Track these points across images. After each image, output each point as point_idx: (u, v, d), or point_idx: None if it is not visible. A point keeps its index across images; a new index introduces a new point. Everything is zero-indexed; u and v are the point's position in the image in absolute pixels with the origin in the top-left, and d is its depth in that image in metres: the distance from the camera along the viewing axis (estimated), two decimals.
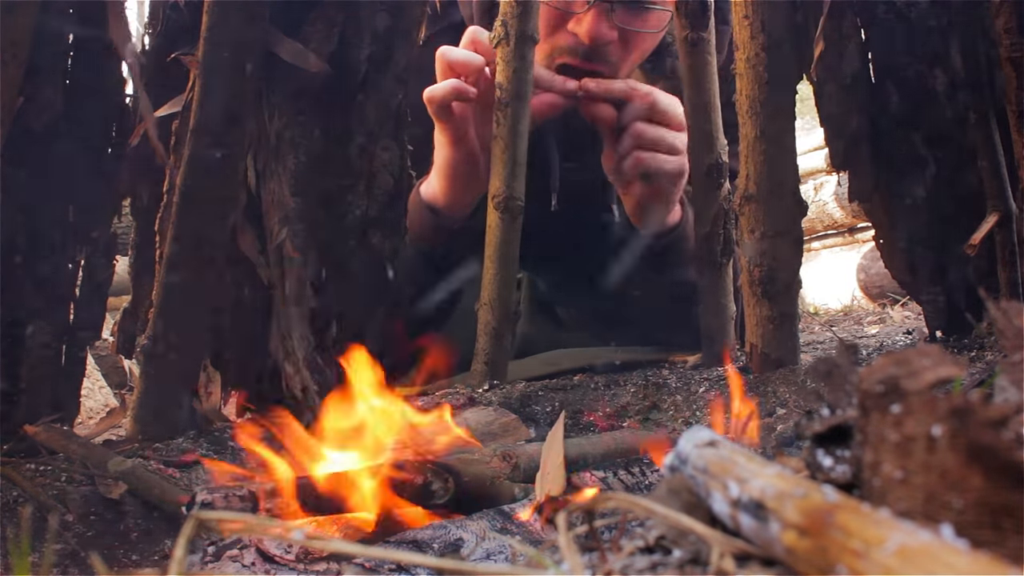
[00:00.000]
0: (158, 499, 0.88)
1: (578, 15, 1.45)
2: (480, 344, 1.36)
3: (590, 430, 1.16)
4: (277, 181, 1.17)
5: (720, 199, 1.38)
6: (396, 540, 0.77)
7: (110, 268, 1.16)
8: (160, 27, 1.18)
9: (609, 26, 1.43)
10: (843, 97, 1.19)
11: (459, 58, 1.39)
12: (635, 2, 1.45)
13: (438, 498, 0.77)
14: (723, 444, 0.41)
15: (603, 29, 1.43)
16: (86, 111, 1.11)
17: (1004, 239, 1.15)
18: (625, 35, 1.47)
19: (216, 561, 0.74)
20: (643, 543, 0.40)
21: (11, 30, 0.96)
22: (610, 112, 1.45)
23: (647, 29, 1.49)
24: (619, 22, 1.44)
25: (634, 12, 1.47)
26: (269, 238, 1.19)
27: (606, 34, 1.43)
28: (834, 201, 4.63)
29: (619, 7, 1.44)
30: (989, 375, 0.93)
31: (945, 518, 0.31)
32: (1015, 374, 0.38)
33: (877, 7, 1.17)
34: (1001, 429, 0.30)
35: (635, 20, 1.47)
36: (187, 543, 0.36)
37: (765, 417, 1.08)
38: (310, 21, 1.16)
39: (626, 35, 1.47)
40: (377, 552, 0.55)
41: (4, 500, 0.84)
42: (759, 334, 1.25)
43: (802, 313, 2.23)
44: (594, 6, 1.42)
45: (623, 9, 1.45)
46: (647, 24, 1.49)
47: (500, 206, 1.34)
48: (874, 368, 0.35)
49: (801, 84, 1.24)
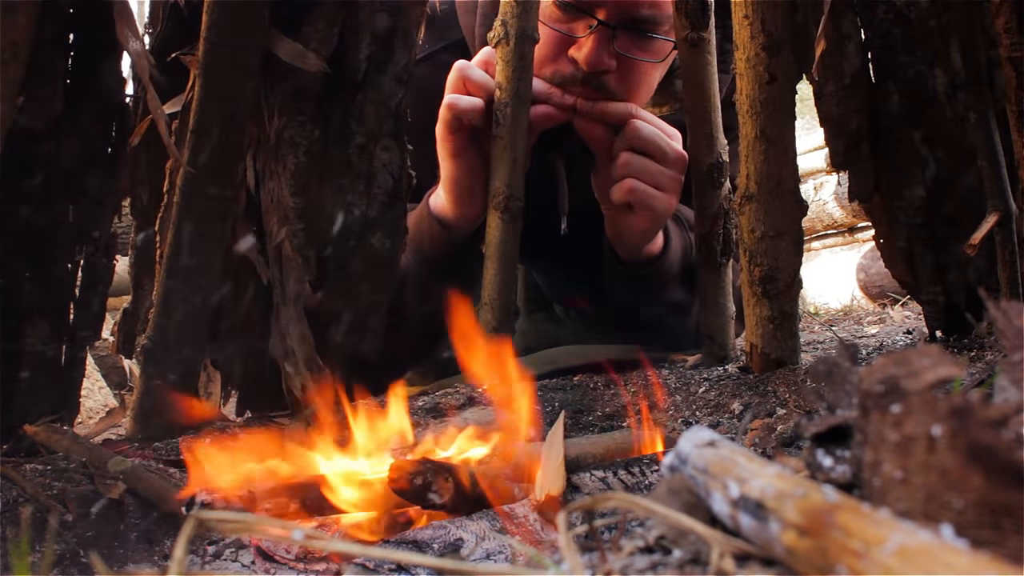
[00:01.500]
0: (158, 499, 0.88)
1: (579, 40, 1.43)
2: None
3: (590, 430, 1.16)
4: (277, 181, 1.17)
5: (720, 199, 1.38)
6: (396, 540, 0.77)
7: (110, 268, 1.16)
8: (160, 27, 1.18)
9: (609, 54, 1.41)
10: (843, 97, 1.19)
11: (478, 78, 1.38)
12: (637, 29, 1.44)
13: (438, 498, 0.77)
14: (723, 444, 0.41)
15: (603, 56, 1.41)
16: (86, 111, 1.11)
17: (1004, 239, 1.15)
18: (625, 64, 1.44)
19: (216, 561, 0.74)
20: (643, 543, 0.40)
21: (11, 30, 0.96)
22: (604, 133, 1.44)
23: (648, 58, 1.47)
24: (620, 49, 1.43)
25: (636, 41, 1.45)
26: (269, 238, 1.19)
27: (605, 62, 1.41)
28: (834, 201, 4.63)
29: (621, 34, 1.43)
30: (989, 375, 0.93)
31: (945, 518, 0.31)
32: (1015, 374, 0.38)
33: (877, 7, 1.17)
34: (1001, 429, 0.30)
35: (636, 49, 1.45)
36: (187, 543, 0.36)
37: (765, 417, 1.08)
38: (310, 21, 1.16)
39: (626, 64, 1.44)
40: (377, 552, 0.55)
41: (4, 500, 0.83)
42: (759, 334, 1.25)
43: (802, 313, 2.23)
44: (595, 31, 1.41)
45: (625, 37, 1.43)
46: (648, 53, 1.46)
47: (500, 206, 1.34)
48: (874, 368, 0.35)
49: (801, 84, 1.24)
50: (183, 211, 1.12)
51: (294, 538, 0.37)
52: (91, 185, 1.13)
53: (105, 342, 1.25)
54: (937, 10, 1.15)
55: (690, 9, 1.33)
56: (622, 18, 1.42)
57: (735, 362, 1.35)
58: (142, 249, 1.21)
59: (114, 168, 1.15)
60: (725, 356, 1.38)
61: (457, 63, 1.41)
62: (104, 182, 1.15)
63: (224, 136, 1.11)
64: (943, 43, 1.15)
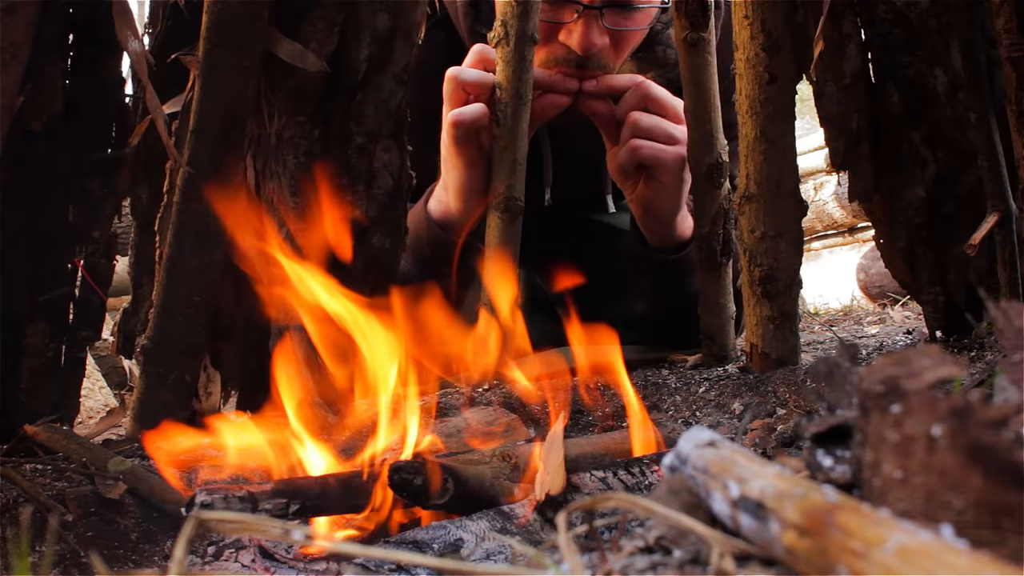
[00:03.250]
0: (158, 499, 0.88)
1: (568, 25, 1.44)
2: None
3: (590, 430, 1.16)
4: (277, 181, 1.17)
5: (720, 199, 1.38)
6: (396, 540, 0.77)
7: (110, 268, 1.16)
8: (160, 27, 1.18)
9: (600, 32, 1.43)
10: (843, 97, 1.19)
11: (473, 79, 1.37)
12: (623, 4, 1.45)
13: (438, 498, 0.77)
14: (723, 444, 0.41)
15: (594, 37, 1.42)
16: (86, 111, 1.11)
17: (1004, 239, 1.15)
18: (616, 36, 1.47)
19: (216, 561, 0.74)
20: (643, 543, 0.40)
21: (11, 30, 0.96)
22: (607, 108, 1.44)
23: (636, 27, 1.49)
24: (609, 25, 1.44)
25: (622, 13, 1.46)
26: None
27: (597, 41, 1.42)
28: (834, 201, 4.63)
29: (608, 11, 1.43)
30: (989, 375, 0.93)
31: (945, 518, 0.31)
32: (1015, 374, 0.38)
33: (877, 7, 1.17)
34: (1001, 429, 0.30)
35: (624, 20, 1.47)
36: (187, 543, 0.36)
37: (765, 417, 1.08)
38: (310, 21, 1.16)
39: (617, 36, 1.47)
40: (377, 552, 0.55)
41: (4, 500, 0.83)
42: (759, 334, 1.25)
43: (802, 313, 2.23)
44: (583, 15, 1.41)
45: (611, 12, 1.44)
46: (636, 22, 1.49)
47: (500, 206, 1.34)
48: (874, 368, 0.35)
49: (801, 84, 1.24)
50: (183, 211, 1.12)
51: (294, 538, 0.37)
52: (91, 185, 1.13)
53: (105, 342, 1.25)
54: (937, 10, 1.15)
55: (690, 9, 1.33)
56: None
57: (735, 362, 1.35)
58: (142, 249, 1.21)
59: (114, 168, 1.15)
60: (725, 356, 1.38)
61: (448, 72, 1.39)
62: (104, 182, 1.15)
63: (224, 136, 1.11)
64: (943, 43, 1.15)
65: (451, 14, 1.64)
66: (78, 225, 1.12)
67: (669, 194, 1.45)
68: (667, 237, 1.50)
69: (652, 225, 1.50)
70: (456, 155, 1.38)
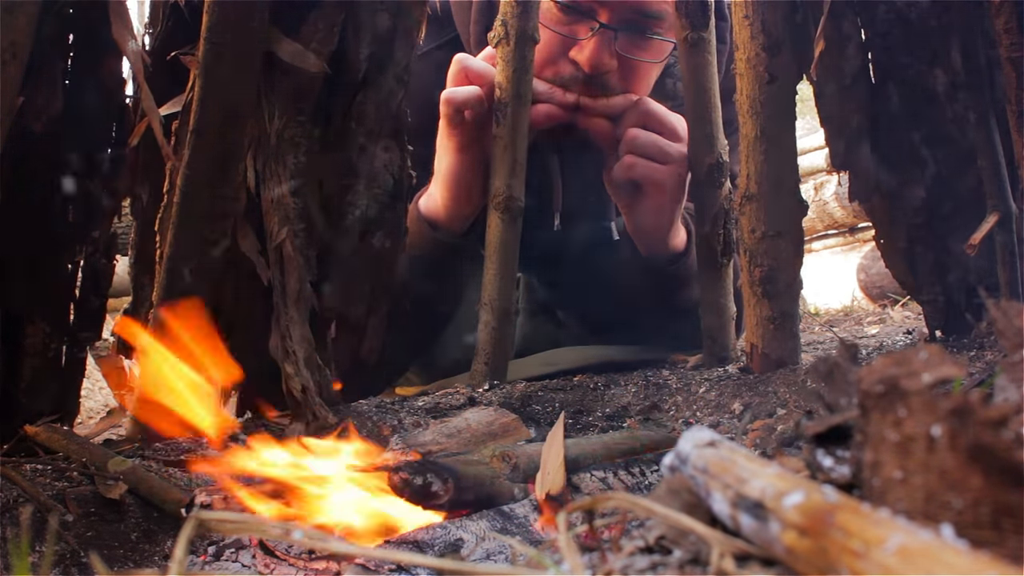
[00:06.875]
0: (158, 499, 0.88)
1: (580, 42, 1.44)
2: (480, 344, 1.36)
3: (590, 430, 1.16)
4: (277, 181, 1.17)
5: (720, 199, 1.38)
6: (396, 540, 0.77)
7: (110, 268, 1.16)
8: (160, 27, 1.18)
9: (610, 54, 1.43)
10: (843, 97, 1.19)
11: (478, 68, 1.39)
12: (638, 29, 1.44)
13: (438, 498, 0.77)
14: (723, 444, 0.41)
15: (604, 57, 1.42)
16: (86, 111, 1.11)
17: (1004, 239, 1.15)
18: (626, 64, 1.46)
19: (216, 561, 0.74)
20: (643, 543, 0.40)
21: (11, 30, 0.96)
22: (606, 125, 1.44)
23: (648, 59, 1.48)
24: (620, 50, 1.44)
25: (636, 41, 1.46)
26: (269, 238, 1.19)
27: (607, 62, 1.42)
28: (834, 201, 4.63)
29: (622, 35, 1.43)
30: (989, 375, 0.93)
31: (945, 518, 0.31)
32: (1015, 374, 0.38)
33: (877, 7, 1.17)
34: (1001, 429, 0.30)
35: (636, 49, 1.46)
36: (187, 543, 0.36)
37: (765, 417, 1.08)
38: (310, 21, 1.16)
39: (627, 64, 1.46)
40: (377, 552, 0.55)
41: (4, 500, 0.83)
42: (759, 334, 1.25)
43: (802, 313, 2.23)
44: (597, 34, 1.41)
45: (625, 37, 1.44)
46: (648, 53, 1.48)
47: (500, 206, 1.34)
48: (874, 368, 0.35)
49: (801, 84, 1.24)
50: (183, 211, 1.12)
51: (294, 538, 0.37)
52: (91, 185, 1.13)
53: (105, 342, 1.25)
54: (937, 10, 1.15)
55: (690, 9, 1.33)
56: (623, 20, 1.42)
57: (735, 362, 1.35)
58: (142, 249, 1.21)
59: (114, 168, 1.15)
60: (725, 356, 1.38)
61: (457, 56, 1.41)
62: (104, 182, 1.15)
63: (224, 136, 1.11)
64: (943, 43, 1.15)
65: (457, 22, 1.64)
66: (78, 225, 1.12)
67: (661, 211, 1.46)
68: (657, 250, 1.51)
69: (643, 239, 1.51)
70: (447, 136, 1.40)
